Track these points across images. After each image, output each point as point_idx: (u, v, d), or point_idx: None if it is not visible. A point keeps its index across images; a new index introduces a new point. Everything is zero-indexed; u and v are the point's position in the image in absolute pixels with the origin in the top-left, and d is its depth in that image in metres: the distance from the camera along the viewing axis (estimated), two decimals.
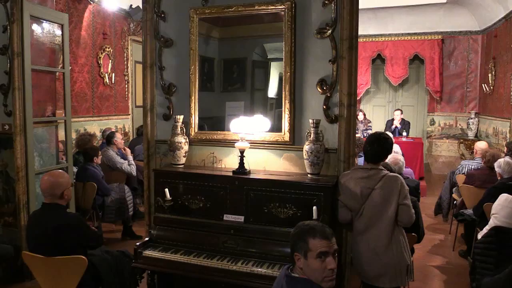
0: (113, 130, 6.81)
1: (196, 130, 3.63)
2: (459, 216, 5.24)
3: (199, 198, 3.32)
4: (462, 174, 5.92)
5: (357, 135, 8.93)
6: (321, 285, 2.02)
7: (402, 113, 9.42)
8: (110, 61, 7.81)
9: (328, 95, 3.26)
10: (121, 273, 3.52)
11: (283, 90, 3.32)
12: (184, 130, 3.57)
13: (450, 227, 6.19)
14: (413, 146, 8.68)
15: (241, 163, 3.27)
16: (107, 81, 7.74)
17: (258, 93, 3.69)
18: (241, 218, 3.19)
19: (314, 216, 2.91)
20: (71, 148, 5.16)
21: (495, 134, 8.71)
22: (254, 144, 3.44)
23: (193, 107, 3.61)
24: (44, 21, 4.69)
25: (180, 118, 3.54)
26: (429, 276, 4.84)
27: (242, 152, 3.26)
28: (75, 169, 5.53)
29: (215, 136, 3.58)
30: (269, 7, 3.32)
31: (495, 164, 4.68)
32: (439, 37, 10.11)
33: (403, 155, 6.92)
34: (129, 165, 5.94)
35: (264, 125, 3.38)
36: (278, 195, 3.11)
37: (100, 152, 5.66)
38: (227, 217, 3.23)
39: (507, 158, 4.69)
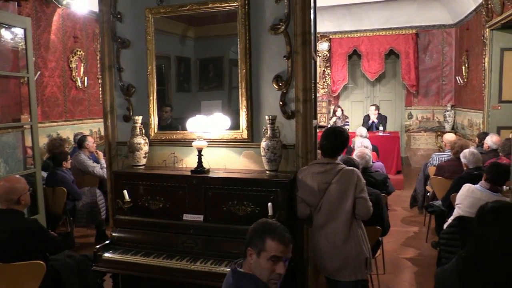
0: (85, 134, 6.73)
1: (156, 130, 3.61)
2: (429, 208, 5.28)
3: (159, 198, 3.30)
4: (433, 166, 5.98)
5: None
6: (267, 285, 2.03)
7: (377, 108, 9.47)
8: (82, 64, 7.74)
9: (284, 91, 3.26)
10: (84, 277, 3.48)
11: (239, 87, 3.31)
12: (144, 131, 3.54)
13: (424, 219, 6.24)
14: (389, 140, 8.74)
15: (199, 162, 3.26)
16: (80, 85, 7.66)
17: (236, 91, 3.63)
18: (200, 217, 3.18)
19: (270, 212, 2.91)
20: (39, 153, 5.09)
21: (470, 125, 8.81)
22: (213, 143, 3.43)
23: (152, 108, 3.58)
24: (5, 26, 4.63)
25: (139, 119, 3.52)
26: (401, 268, 4.88)
27: (200, 151, 3.25)
28: (44, 174, 5.47)
29: (174, 136, 3.56)
30: (223, 5, 3.30)
31: (461, 155, 4.73)
32: (414, 31, 10.19)
33: (377, 150, 7.00)
34: (101, 168, 5.89)
35: (222, 123, 3.37)
36: (236, 192, 3.10)
37: (69, 157, 5.59)
38: (187, 216, 3.22)
39: (472, 149, 4.74)
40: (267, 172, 3.20)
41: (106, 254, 3.21)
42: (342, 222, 2.96)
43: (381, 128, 9.13)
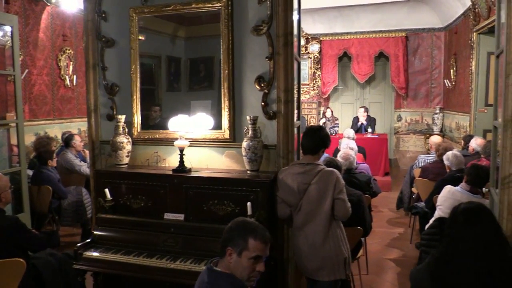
0: (73, 132, 6.71)
1: (139, 129, 3.62)
2: (413, 209, 5.33)
3: (140, 197, 3.32)
4: (418, 168, 6.03)
5: None
6: (243, 281, 2.05)
7: (366, 110, 9.52)
8: (71, 63, 7.72)
9: (266, 91, 3.29)
10: (65, 275, 3.50)
11: (222, 87, 3.33)
12: (127, 130, 3.55)
13: (410, 220, 6.29)
14: (378, 142, 8.80)
15: (181, 161, 3.28)
16: (68, 83, 7.64)
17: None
18: (181, 216, 3.20)
19: (249, 212, 2.93)
20: (25, 151, 5.08)
21: (457, 128, 8.88)
22: (196, 142, 3.45)
23: (135, 107, 3.60)
24: None
25: (122, 118, 3.53)
26: (384, 269, 4.91)
27: (181, 150, 3.27)
28: (30, 173, 5.46)
29: (157, 135, 3.58)
30: (206, 5, 3.33)
31: (444, 157, 4.78)
32: (403, 34, 10.27)
33: (364, 152, 7.04)
34: (88, 167, 5.88)
35: (205, 123, 3.38)
36: (217, 192, 3.12)
37: (55, 155, 5.58)
38: (168, 215, 3.23)
39: (455, 151, 4.79)
40: (248, 172, 3.23)
41: (87, 253, 3.21)
42: (321, 222, 2.98)
43: (369, 130, 9.18)
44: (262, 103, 3.30)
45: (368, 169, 5.55)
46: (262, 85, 3.29)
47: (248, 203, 2.94)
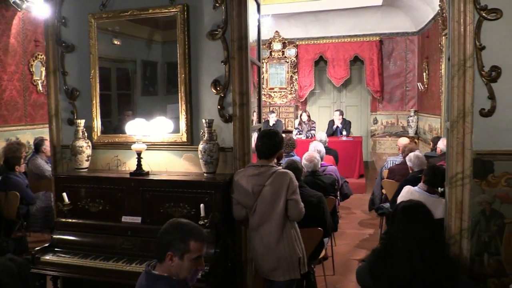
0: (45, 138, 6.68)
1: (99, 134, 3.65)
2: (379, 210, 5.41)
3: (98, 201, 3.34)
4: (387, 169, 6.12)
5: (299, 136, 9.11)
6: (184, 281, 2.09)
7: (341, 114, 9.63)
8: (44, 68, 7.69)
9: (222, 95, 3.34)
10: (25, 280, 3.49)
11: (179, 91, 3.38)
12: (86, 134, 3.58)
13: (380, 221, 6.37)
14: (352, 145, 8.90)
15: (139, 164, 3.31)
16: (41, 89, 7.61)
17: None
18: (138, 219, 3.23)
19: (202, 213, 2.97)
20: None
21: (430, 130, 9.04)
22: (155, 146, 3.49)
23: (95, 111, 3.62)
24: None
25: (81, 122, 3.56)
26: (351, 269, 4.97)
27: (139, 154, 3.30)
28: None
29: (117, 139, 3.61)
30: (163, 11, 3.38)
31: (407, 158, 4.88)
32: (377, 38, 10.42)
33: (337, 155, 7.12)
34: None
35: (164, 126, 3.42)
36: (173, 195, 3.17)
37: (22, 160, 5.56)
38: (125, 218, 3.26)
39: (417, 152, 4.89)
40: (205, 174, 3.27)
41: (44, 257, 3.22)
42: (276, 223, 3.02)
43: (344, 133, 9.28)
44: (218, 106, 3.35)
45: (336, 172, 5.61)
46: (218, 88, 3.34)
47: (201, 205, 2.98)
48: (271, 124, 9.69)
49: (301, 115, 10.03)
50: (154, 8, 3.39)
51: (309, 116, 10.04)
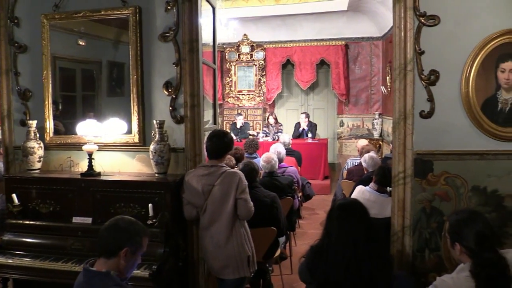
0: None
1: (51, 134, 3.64)
2: None
3: (49, 202, 3.34)
4: (346, 170, 6.26)
5: (265, 138, 9.16)
6: (123, 276, 2.13)
7: (307, 116, 9.77)
8: None
9: (174, 96, 3.39)
10: None
11: (131, 93, 3.41)
12: (38, 135, 3.56)
13: None
14: (317, 147, 9.04)
15: (90, 165, 3.33)
16: None
17: None
18: (89, 220, 3.24)
19: (150, 213, 3.01)
20: None
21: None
22: (108, 147, 3.51)
23: (47, 112, 3.62)
24: None
25: (33, 123, 3.55)
26: None
27: (90, 154, 3.32)
28: None
29: (69, 140, 3.61)
30: (115, 12, 3.41)
31: (362, 159, 5.02)
32: (343, 42, 10.61)
33: (300, 156, 7.23)
34: None
35: (116, 127, 3.45)
36: (123, 195, 3.20)
37: None
38: (76, 219, 3.27)
39: (372, 153, 5.04)
40: (156, 175, 3.31)
41: None
42: (225, 222, 3.08)
43: (310, 135, 9.42)
44: (170, 108, 3.40)
45: (295, 173, 5.71)
46: (170, 90, 3.39)
47: (150, 205, 3.02)
48: (238, 126, 9.76)
49: (268, 118, 10.14)
50: (107, 9, 3.42)
51: (276, 119, 10.15)
